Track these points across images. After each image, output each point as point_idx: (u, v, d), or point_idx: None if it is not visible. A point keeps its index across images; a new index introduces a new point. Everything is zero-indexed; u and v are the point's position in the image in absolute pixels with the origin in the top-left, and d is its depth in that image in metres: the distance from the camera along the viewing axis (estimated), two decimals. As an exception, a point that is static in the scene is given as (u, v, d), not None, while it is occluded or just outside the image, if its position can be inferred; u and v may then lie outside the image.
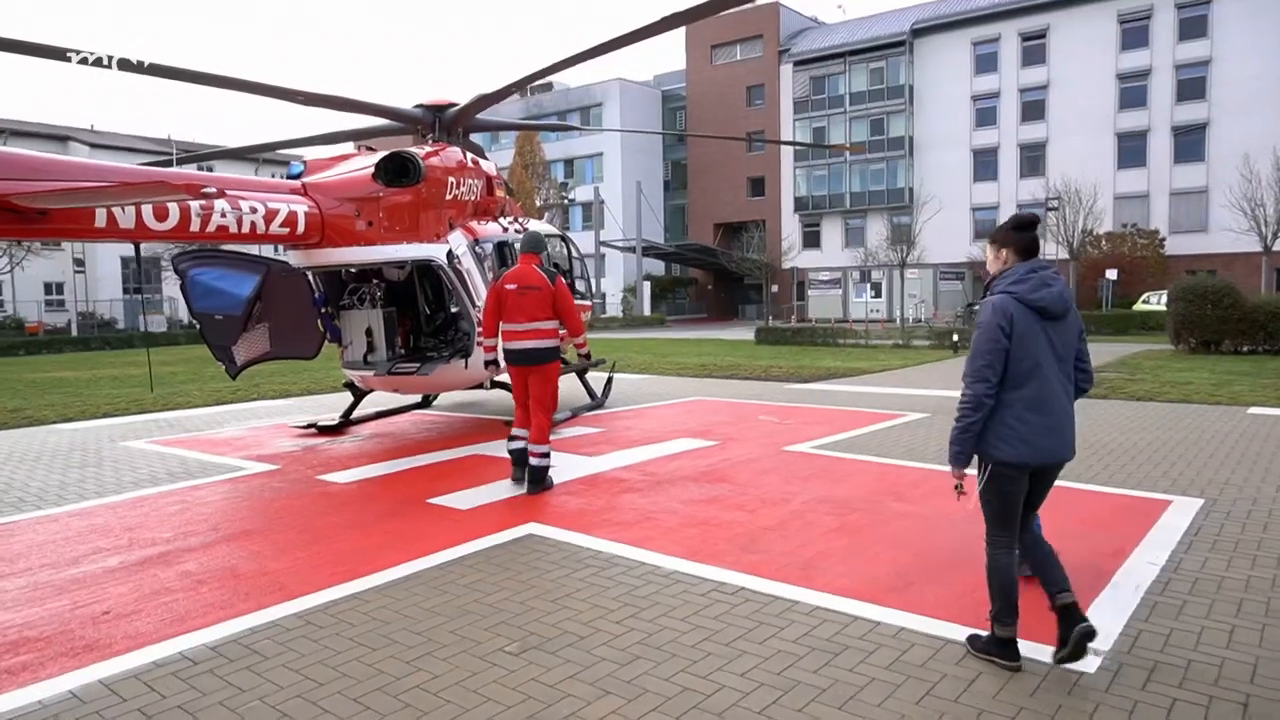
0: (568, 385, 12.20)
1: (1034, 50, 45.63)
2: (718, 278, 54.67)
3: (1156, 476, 6.67)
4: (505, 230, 9.47)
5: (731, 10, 53.49)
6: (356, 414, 10.03)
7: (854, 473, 6.96)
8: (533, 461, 6.36)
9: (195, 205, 6.16)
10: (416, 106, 9.34)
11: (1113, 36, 43.49)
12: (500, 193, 9.75)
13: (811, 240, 51.75)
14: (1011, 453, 3.32)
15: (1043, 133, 45.63)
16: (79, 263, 43.38)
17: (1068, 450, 3.42)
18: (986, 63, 47.06)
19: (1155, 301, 29.95)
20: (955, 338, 19.91)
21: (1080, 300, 35.02)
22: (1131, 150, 43.35)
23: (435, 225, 8.24)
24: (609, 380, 11.83)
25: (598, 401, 11.17)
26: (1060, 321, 3.38)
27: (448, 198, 8.45)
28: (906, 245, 35.88)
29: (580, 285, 11.78)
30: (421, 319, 9.54)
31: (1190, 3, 41.45)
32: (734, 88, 53.88)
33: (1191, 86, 41.84)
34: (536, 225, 10.87)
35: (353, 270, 8.98)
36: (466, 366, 8.54)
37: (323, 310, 8.74)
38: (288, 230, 7.15)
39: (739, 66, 54.67)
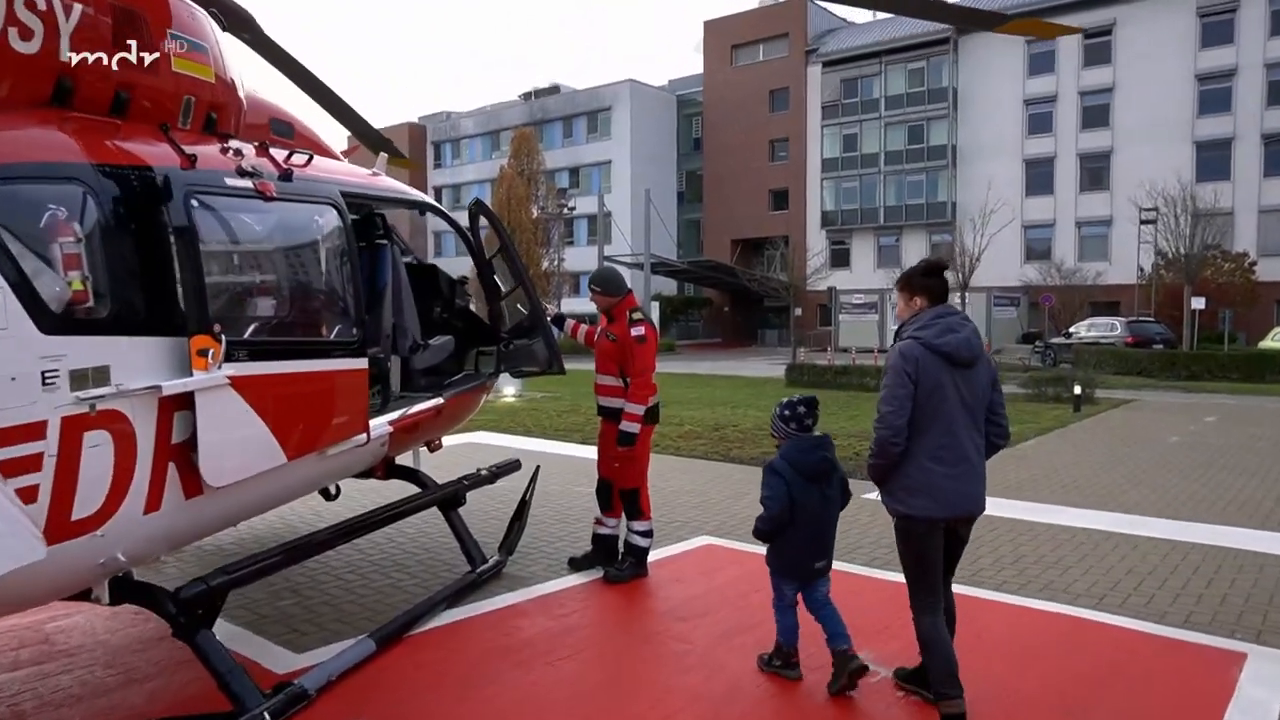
0: (426, 528, 6.22)
1: (1097, 49, 40.12)
2: (734, 299, 49.06)
3: None
4: (188, 161, 3.31)
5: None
6: None
7: None
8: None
9: None
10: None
11: (1191, 33, 38.00)
12: (200, 73, 3.56)
13: (840, 259, 46.09)
14: (918, 505, 3.25)
15: (1107, 141, 40.11)
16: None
17: (976, 504, 3.33)
18: (1042, 62, 41.60)
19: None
20: (1079, 389, 13.83)
21: (1186, 337, 29.15)
22: (1212, 161, 37.67)
23: None
24: (523, 503, 5.85)
25: (487, 568, 5.22)
26: (969, 370, 3.28)
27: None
28: (968, 264, 29.81)
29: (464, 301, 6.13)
30: None
31: (1285, -8, 35.99)
32: (756, 92, 48.69)
33: (1286, 88, 36.31)
34: (349, 168, 5.18)
35: None
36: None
37: None
38: None
39: (762, 68, 49.50)
